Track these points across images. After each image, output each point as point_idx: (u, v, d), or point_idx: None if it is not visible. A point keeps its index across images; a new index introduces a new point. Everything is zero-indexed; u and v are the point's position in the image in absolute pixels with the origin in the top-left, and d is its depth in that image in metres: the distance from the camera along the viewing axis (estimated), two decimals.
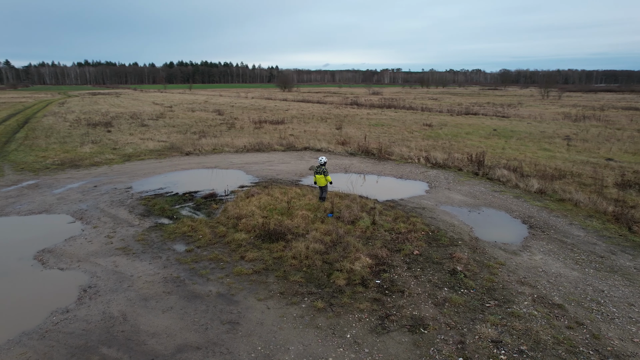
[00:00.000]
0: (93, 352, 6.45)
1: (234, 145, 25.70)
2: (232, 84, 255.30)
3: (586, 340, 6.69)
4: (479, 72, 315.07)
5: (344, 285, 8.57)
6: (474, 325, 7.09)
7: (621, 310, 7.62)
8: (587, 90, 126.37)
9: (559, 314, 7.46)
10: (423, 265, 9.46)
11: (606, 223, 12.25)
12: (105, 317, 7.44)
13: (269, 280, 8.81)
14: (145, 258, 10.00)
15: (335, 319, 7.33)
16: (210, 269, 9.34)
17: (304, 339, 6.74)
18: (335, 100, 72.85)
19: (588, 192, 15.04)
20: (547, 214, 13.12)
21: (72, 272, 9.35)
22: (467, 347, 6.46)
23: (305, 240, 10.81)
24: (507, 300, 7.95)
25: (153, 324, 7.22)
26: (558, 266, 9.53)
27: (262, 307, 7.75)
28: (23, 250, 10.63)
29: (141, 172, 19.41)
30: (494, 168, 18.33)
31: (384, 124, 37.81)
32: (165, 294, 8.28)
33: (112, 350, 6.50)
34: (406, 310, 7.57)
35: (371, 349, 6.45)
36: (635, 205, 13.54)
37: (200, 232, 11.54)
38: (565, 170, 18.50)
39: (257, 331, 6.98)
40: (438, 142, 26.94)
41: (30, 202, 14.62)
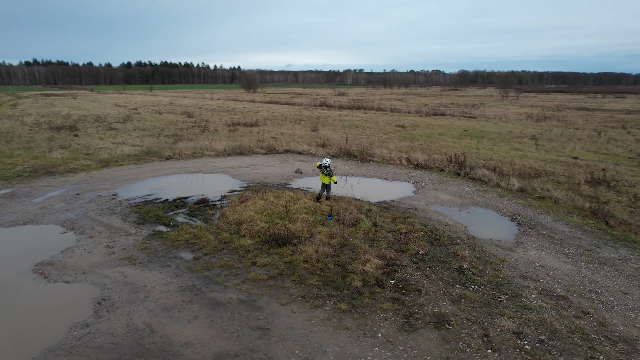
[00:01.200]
0: None
1: (213, 149, 25.40)
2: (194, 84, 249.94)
3: (595, 327, 7.30)
4: (439, 73, 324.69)
5: (360, 287, 8.84)
6: (493, 319, 7.56)
7: (618, 298, 8.34)
8: (540, 91, 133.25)
9: (565, 304, 8.07)
10: (431, 265, 9.89)
11: (585, 218, 13.21)
12: (130, 330, 7.34)
13: (286, 285, 8.95)
14: (154, 267, 9.86)
15: (362, 319, 7.59)
16: (224, 276, 9.36)
17: (337, 341, 6.96)
18: (303, 102, 73.08)
19: (563, 190, 16.09)
20: (531, 211, 13.96)
21: (80, 285, 9.09)
22: (493, 340, 6.90)
23: (312, 244, 11.01)
24: (516, 294, 8.50)
25: (183, 333, 7.20)
26: (552, 260, 10.23)
27: (288, 312, 7.89)
28: (18, 263, 10.21)
29: (123, 178, 18.88)
30: (475, 168, 19.20)
31: (358, 126, 38.43)
32: (185, 303, 8.24)
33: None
34: (427, 308, 7.94)
35: (405, 347, 6.76)
36: (608, 201, 14.64)
37: (204, 239, 11.47)
38: (538, 169, 19.65)
39: (289, 335, 7.13)
40: (415, 144, 27.76)
41: (12, 213, 13.95)
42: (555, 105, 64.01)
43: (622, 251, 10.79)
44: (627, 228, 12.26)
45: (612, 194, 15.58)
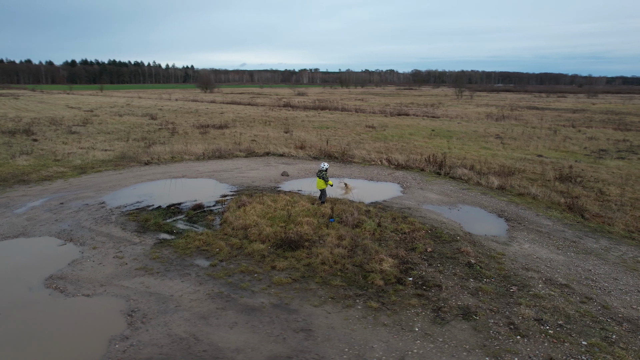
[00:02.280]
0: None
1: (192, 153, 25.04)
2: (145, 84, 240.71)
3: (600, 311, 8.23)
4: (393, 73, 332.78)
5: (383, 285, 9.35)
6: (512, 308, 8.31)
7: (611, 284, 9.39)
8: (490, 90, 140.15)
9: (569, 292, 8.98)
10: (441, 261, 10.58)
11: (563, 212, 14.48)
12: (174, 340, 7.42)
13: (312, 287, 9.29)
14: (174, 276, 9.86)
15: (395, 315, 8.09)
16: (248, 282, 9.54)
17: (380, 337, 7.42)
18: (266, 102, 72.80)
19: (538, 186, 17.45)
20: (515, 208, 15.08)
21: (103, 298, 8.96)
22: (519, 327, 7.63)
23: (325, 246, 11.38)
24: (524, 284, 9.34)
25: (229, 340, 7.38)
26: (545, 252, 11.24)
27: (323, 313, 8.24)
28: (26, 279, 9.85)
29: (105, 185, 18.31)
30: (454, 167, 20.30)
31: (329, 127, 39.02)
32: (220, 310, 8.38)
33: None
34: (451, 301, 8.58)
35: (443, 338, 7.33)
36: (578, 196, 16.08)
37: (215, 246, 11.53)
38: (511, 167, 21.07)
39: (333, 335, 7.50)
40: (389, 144, 28.71)
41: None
42: (508, 105, 67.86)
43: (602, 241, 12.01)
44: (601, 220, 13.60)
45: (579, 189, 17.09)
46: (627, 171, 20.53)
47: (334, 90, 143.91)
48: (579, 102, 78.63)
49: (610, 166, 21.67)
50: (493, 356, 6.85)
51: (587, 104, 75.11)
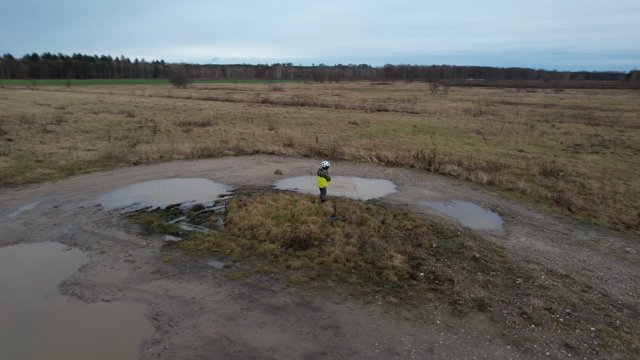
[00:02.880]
0: None
1: (180, 152, 24.80)
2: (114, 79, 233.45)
3: (601, 299, 8.91)
4: (366, 67, 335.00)
5: (397, 281, 9.75)
6: (522, 298, 8.87)
7: (606, 273, 10.12)
8: (463, 84, 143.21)
9: (570, 282, 9.64)
10: (447, 256, 11.08)
11: (551, 206, 15.30)
12: (207, 341, 7.58)
13: (329, 285, 9.59)
14: (191, 279, 9.96)
15: (415, 310, 8.51)
16: (266, 282, 9.75)
17: (406, 330, 7.81)
18: (244, 98, 72.21)
19: (524, 181, 18.29)
20: (506, 202, 15.82)
21: (123, 303, 8.99)
22: (532, 316, 8.18)
23: (334, 244, 11.69)
24: (529, 276, 9.95)
25: (261, 339, 7.61)
26: (542, 245, 11.93)
27: (346, 310, 8.57)
28: (38, 286, 9.74)
29: (97, 186, 18.00)
30: (443, 164, 20.97)
31: (312, 124, 39.23)
32: (245, 310, 8.58)
33: None
34: (464, 294, 9.07)
35: (465, 329, 7.80)
36: (563, 190, 16.98)
37: (226, 247, 11.66)
38: (496, 162, 21.93)
39: (360, 331, 7.84)
40: (375, 141, 29.21)
41: None
42: (481, 99, 69.74)
43: (591, 233, 12.83)
44: (587, 213, 14.47)
45: (563, 184, 18.04)
46: (602, 165, 21.74)
47: (309, 85, 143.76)
48: (548, 97, 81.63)
49: (587, 160, 22.89)
50: (514, 344, 7.37)
51: (556, 98, 78.11)
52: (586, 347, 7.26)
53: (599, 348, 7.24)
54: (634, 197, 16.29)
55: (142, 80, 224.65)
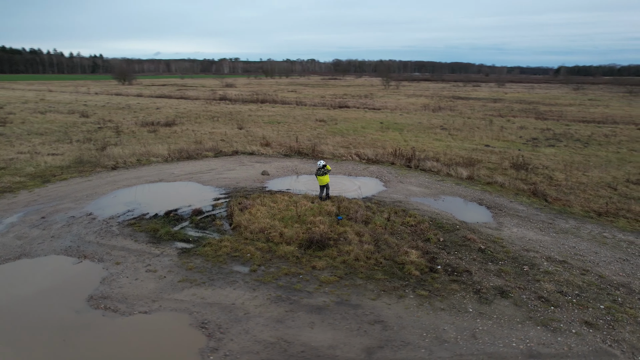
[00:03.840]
0: None
1: (156, 154, 24.14)
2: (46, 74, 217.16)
3: (599, 280, 10.15)
4: (314, 62, 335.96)
5: (420, 275, 10.49)
6: (534, 284, 9.92)
7: (596, 256, 11.47)
8: (411, 79, 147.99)
9: (569, 267, 10.86)
10: (456, 249, 11.99)
11: (530, 198, 16.78)
12: (266, 345, 7.87)
13: (359, 283, 10.14)
14: (222, 285, 10.10)
15: (446, 300, 9.27)
16: (298, 283, 10.12)
17: (445, 320, 8.54)
18: (200, 95, 70.49)
19: (499, 175, 19.79)
20: (490, 196, 17.11)
21: (163, 313, 9.01)
22: (549, 299, 9.22)
23: (350, 243, 12.24)
24: (532, 263, 11.06)
25: (317, 339, 8.02)
26: (532, 234, 13.19)
27: (384, 305, 9.17)
28: (64, 302, 9.48)
29: (81, 194, 17.29)
30: (423, 160, 22.10)
31: (280, 122, 39.33)
32: (290, 312, 8.92)
33: None
34: (484, 283, 9.97)
35: (496, 315, 8.67)
36: (535, 182, 18.61)
37: (245, 251, 11.83)
38: (467, 157, 23.41)
39: (405, 323, 8.47)
40: (348, 139, 29.98)
41: None
42: (433, 94, 72.83)
43: (570, 222, 14.32)
44: (562, 203, 16.05)
45: (533, 176, 19.73)
46: (561, 157, 23.91)
47: (260, 81, 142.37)
48: (493, 92, 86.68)
49: (547, 153, 25.04)
50: (542, 325, 8.33)
51: (500, 93, 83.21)
52: (602, 323, 8.37)
53: (613, 323, 8.37)
54: (596, 186, 18.22)
55: (79, 75, 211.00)
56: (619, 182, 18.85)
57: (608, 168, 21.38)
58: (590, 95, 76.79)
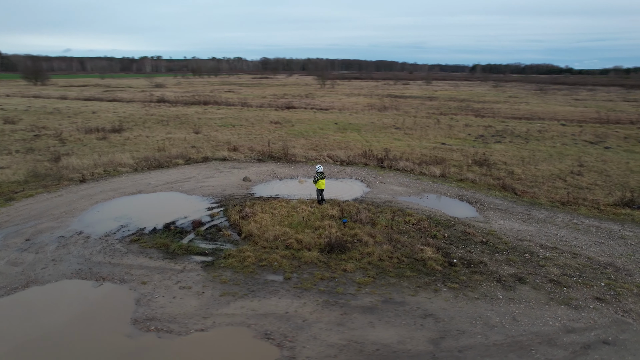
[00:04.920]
0: None
1: (122, 164, 22.94)
2: None
3: (589, 262, 11.89)
4: (241, 60, 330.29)
5: (442, 269, 11.51)
6: (541, 269, 11.37)
7: (578, 241, 13.32)
8: (343, 77, 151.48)
9: (561, 252, 12.54)
10: (462, 243, 13.22)
11: (502, 192, 18.70)
12: (340, 348, 8.33)
13: (393, 281, 10.91)
14: (266, 295, 10.31)
15: (477, 290, 10.36)
16: (338, 286, 10.63)
17: (484, 307, 9.59)
18: (135, 97, 66.75)
19: (466, 171, 21.66)
20: (467, 192, 18.77)
21: (221, 329, 9.07)
22: (559, 281, 10.68)
23: (367, 245, 12.95)
24: (531, 251, 12.59)
25: (384, 336, 8.64)
26: (518, 225, 14.88)
27: (425, 300, 10.02)
28: (107, 328, 9.15)
29: (57, 211, 16.17)
30: (396, 160, 23.42)
31: (234, 124, 38.84)
32: (344, 315, 9.43)
33: None
34: (501, 272, 11.23)
35: (525, 299, 9.90)
36: (501, 177, 20.69)
37: (271, 260, 12.04)
38: (431, 155, 25.18)
39: (452, 314, 9.39)
40: (312, 141, 30.61)
41: None
42: (370, 93, 75.66)
43: (544, 212, 16.30)
44: (529, 195, 18.12)
45: (496, 171, 21.88)
46: (511, 153, 26.62)
47: (190, 80, 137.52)
48: (423, 90, 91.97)
49: (498, 150, 27.69)
50: (564, 303, 9.71)
51: (431, 91, 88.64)
52: (610, 298, 9.97)
53: (618, 297, 10.00)
54: (550, 179, 20.73)
55: None
56: (565, 174, 21.59)
57: (552, 161, 24.29)
58: (509, 93, 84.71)
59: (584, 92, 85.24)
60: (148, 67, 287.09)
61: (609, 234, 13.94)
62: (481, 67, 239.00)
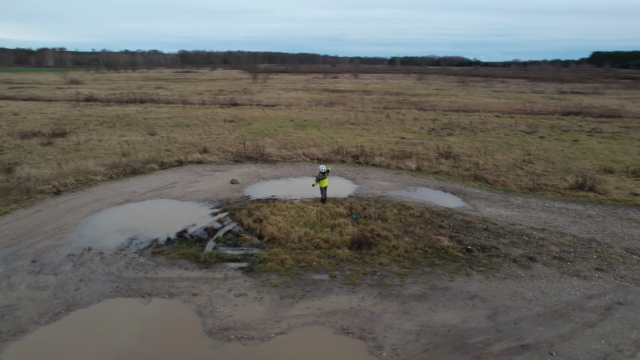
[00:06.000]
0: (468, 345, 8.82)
1: (92, 172, 21.56)
2: None
3: (575, 239, 14.10)
4: (158, 53, 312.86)
5: (463, 256, 12.96)
6: (543, 249, 13.30)
7: (558, 223, 15.58)
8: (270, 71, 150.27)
9: (550, 232, 14.65)
10: (467, 231, 14.83)
11: (476, 182, 20.85)
12: (417, 333, 9.30)
13: (427, 270, 12.10)
14: (323, 294, 10.93)
15: (502, 271, 11.91)
16: (383, 279, 11.58)
17: (514, 285, 11.14)
18: (57, 96, 61.00)
19: (437, 164, 23.64)
20: (446, 184, 20.64)
21: (300, 330, 9.57)
22: (562, 257, 12.63)
23: (389, 239, 14.03)
24: (526, 234, 14.55)
25: (448, 318, 9.77)
26: (503, 212, 16.91)
27: (463, 283, 11.35)
28: (187, 342, 9.24)
29: (46, 227, 15.13)
30: (372, 156, 24.75)
31: (187, 124, 37.64)
32: (404, 305, 10.41)
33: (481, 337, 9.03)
34: (513, 254, 12.95)
35: (542, 274, 11.63)
36: (469, 168, 22.93)
37: (309, 260, 12.60)
38: (399, 150, 26.92)
39: (492, 293, 10.80)
40: (278, 139, 30.92)
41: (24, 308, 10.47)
42: (305, 87, 76.62)
43: (518, 198, 18.61)
44: (499, 184, 20.46)
45: (462, 163, 24.14)
46: (467, 145, 29.31)
47: (108, 76, 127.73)
48: (354, 83, 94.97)
49: (454, 142, 30.28)
50: (575, 276, 11.61)
51: (362, 84, 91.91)
52: (606, 267, 12.09)
53: (611, 266, 12.15)
54: (510, 167, 23.44)
55: None
56: (520, 163, 24.51)
57: (504, 152, 27.29)
58: (435, 85, 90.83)
59: (498, 85, 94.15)
60: (50, 59, 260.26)
61: (578, 214, 16.48)
62: (400, 59, 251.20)
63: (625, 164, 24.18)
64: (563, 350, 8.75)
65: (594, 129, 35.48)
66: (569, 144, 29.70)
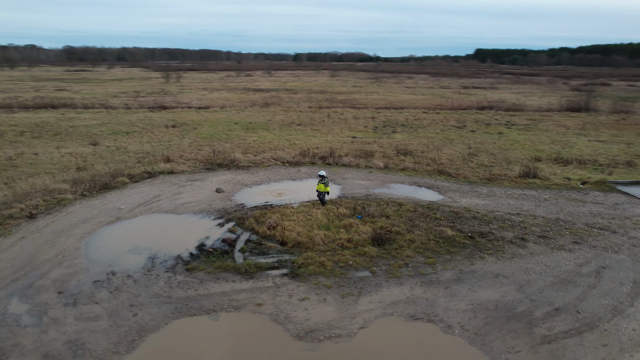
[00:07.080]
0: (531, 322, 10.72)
1: (58, 190, 19.83)
2: None
3: (546, 220, 17.03)
4: (37, 49, 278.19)
5: (469, 242, 15.06)
6: (526, 230, 15.90)
7: (525, 207, 18.55)
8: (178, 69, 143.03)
9: (524, 216, 17.45)
10: (461, 220, 17.02)
11: (441, 176, 23.45)
12: (478, 308, 11.00)
13: (448, 258, 13.95)
14: (375, 289, 12.09)
15: (506, 252, 14.17)
16: (417, 269, 13.13)
17: (521, 262, 13.43)
18: None
19: (400, 161, 25.92)
20: (417, 179, 22.90)
21: (378, 322, 10.68)
22: (546, 236, 15.34)
23: (402, 234, 15.62)
24: (506, 219, 17.18)
25: (488, 295, 11.61)
26: (478, 201, 19.54)
27: (482, 267, 13.35)
28: (281, 348, 9.86)
29: (46, 255, 14.13)
30: (340, 157, 26.17)
31: (127, 131, 35.45)
32: (447, 289, 12.03)
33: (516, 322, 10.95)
34: (506, 237, 15.33)
35: (539, 252, 14.13)
36: (429, 163, 25.54)
37: (345, 260, 13.63)
38: (359, 149, 28.75)
39: (510, 271, 12.94)
40: (234, 144, 30.76)
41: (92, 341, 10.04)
42: (224, 87, 75.28)
43: (483, 189, 21.48)
44: (461, 176, 23.31)
45: (421, 159, 26.73)
46: (415, 141, 32.18)
47: None
48: (271, 81, 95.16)
49: (401, 139, 32.98)
50: (562, 249, 14.31)
51: (279, 82, 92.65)
52: (580, 240, 15.03)
53: (582, 239, 15.14)
54: (460, 161, 26.57)
55: None
56: (466, 156, 27.86)
57: (449, 146, 30.63)
58: (351, 82, 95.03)
59: (407, 80, 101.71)
60: None
61: (536, 199, 19.76)
62: (305, 55, 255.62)
63: (547, 152, 28.90)
64: (585, 308, 11.13)
65: (509, 122, 41.14)
66: (497, 137, 34.27)
